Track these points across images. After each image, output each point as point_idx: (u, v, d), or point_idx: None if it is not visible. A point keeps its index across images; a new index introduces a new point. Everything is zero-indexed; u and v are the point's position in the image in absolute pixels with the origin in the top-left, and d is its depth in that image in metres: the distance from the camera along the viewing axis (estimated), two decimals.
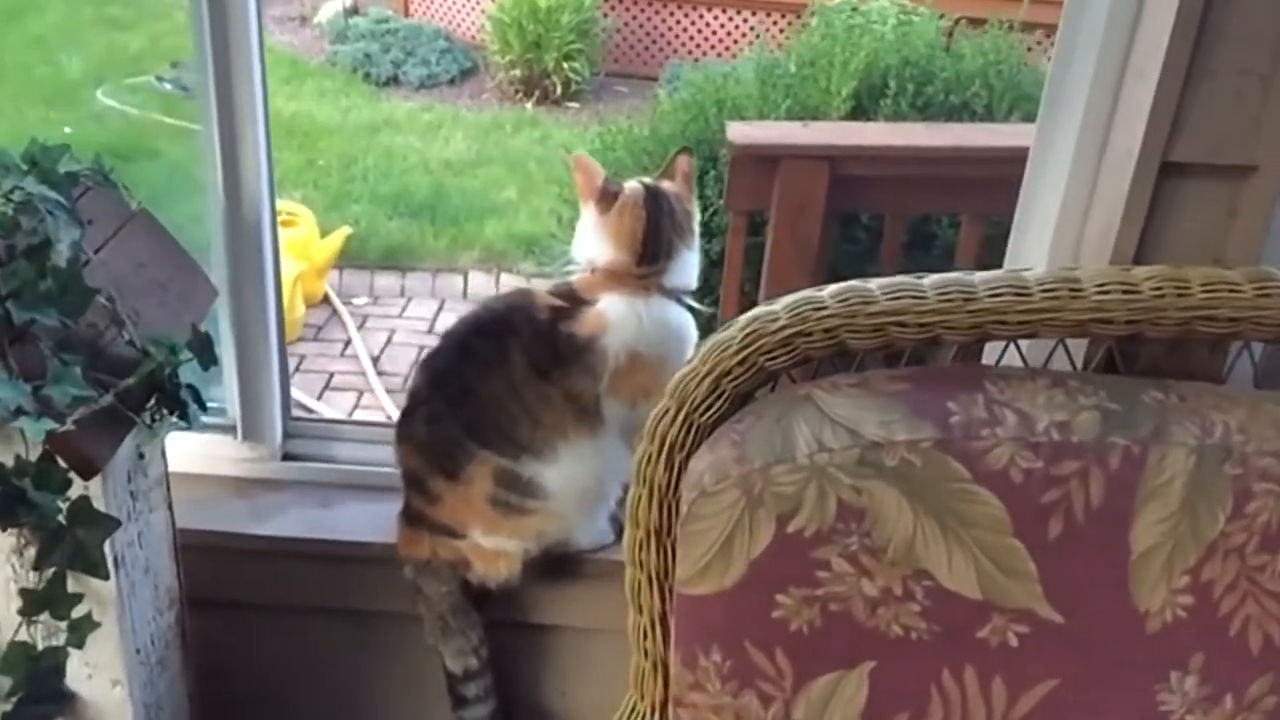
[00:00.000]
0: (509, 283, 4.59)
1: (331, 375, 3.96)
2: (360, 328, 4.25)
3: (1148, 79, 1.10)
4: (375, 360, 4.05)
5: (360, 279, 4.56)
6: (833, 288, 1.12)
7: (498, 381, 1.25)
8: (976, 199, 2.56)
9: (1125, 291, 1.07)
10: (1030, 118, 2.95)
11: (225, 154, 1.32)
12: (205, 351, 1.05)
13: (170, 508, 1.22)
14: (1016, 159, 2.54)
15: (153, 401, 1.05)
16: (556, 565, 1.34)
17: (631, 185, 1.31)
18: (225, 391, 1.42)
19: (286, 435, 1.46)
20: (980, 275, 1.11)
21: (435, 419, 1.28)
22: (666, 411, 1.11)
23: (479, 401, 1.25)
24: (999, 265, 2.90)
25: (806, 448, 1.04)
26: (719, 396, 1.10)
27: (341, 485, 1.45)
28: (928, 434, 1.04)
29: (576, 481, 1.28)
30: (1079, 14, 1.16)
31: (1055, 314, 1.07)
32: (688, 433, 1.10)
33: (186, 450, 1.38)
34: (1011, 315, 1.08)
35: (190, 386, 1.05)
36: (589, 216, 1.30)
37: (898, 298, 1.09)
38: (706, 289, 2.93)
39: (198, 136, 1.34)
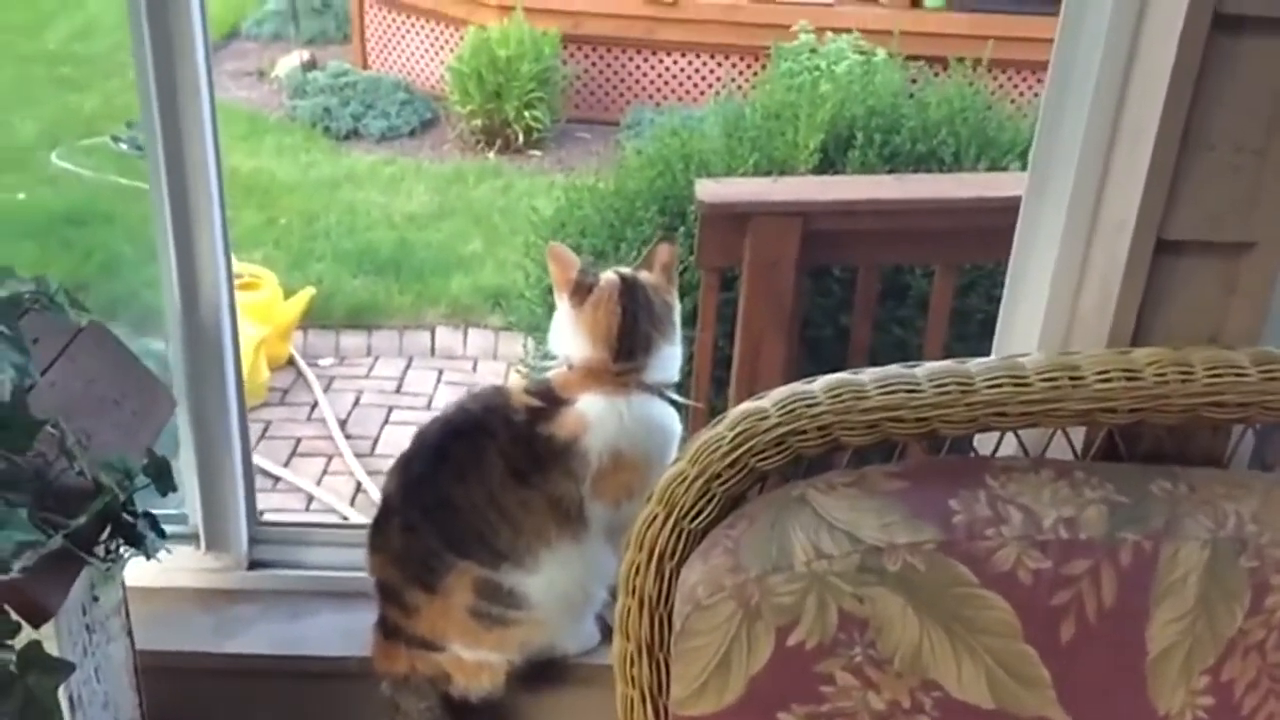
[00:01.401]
0: (477, 338, 4.53)
1: (299, 440, 3.87)
2: (327, 390, 4.17)
3: (1140, 150, 1.07)
4: (343, 423, 3.97)
5: (325, 339, 4.49)
6: (823, 381, 1.07)
7: (475, 488, 1.19)
8: (948, 249, 2.53)
9: (1128, 379, 1.03)
10: (997, 164, 2.94)
11: (179, 238, 1.24)
12: (163, 476, 0.99)
13: (130, 633, 1.15)
14: (985, 209, 2.54)
15: (107, 534, 0.98)
16: (541, 672, 1.28)
17: (607, 277, 1.26)
18: (186, 499, 1.35)
19: (253, 541, 1.39)
20: (976, 364, 1.07)
21: (410, 529, 1.21)
22: (654, 518, 1.06)
23: (456, 510, 1.19)
24: (974, 312, 2.90)
25: (804, 555, 0.99)
26: (709, 500, 1.05)
27: (312, 593, 1.38)
28: (930, 536, 0.99)
29: (561, 589, 1.22)
30: (1064, 81, 1.12)
31: (1056, 404, 1.03)
32: (677, 540, 1.05)
33: (146, 564, 1.31)
34: (1012, 407, 1.03)
35: (147, 515, 0.99)
36: (563, 310, 1.25)
37: (892, 392, 1.04)
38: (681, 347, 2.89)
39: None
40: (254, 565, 1.39)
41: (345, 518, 3.44)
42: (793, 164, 2.82)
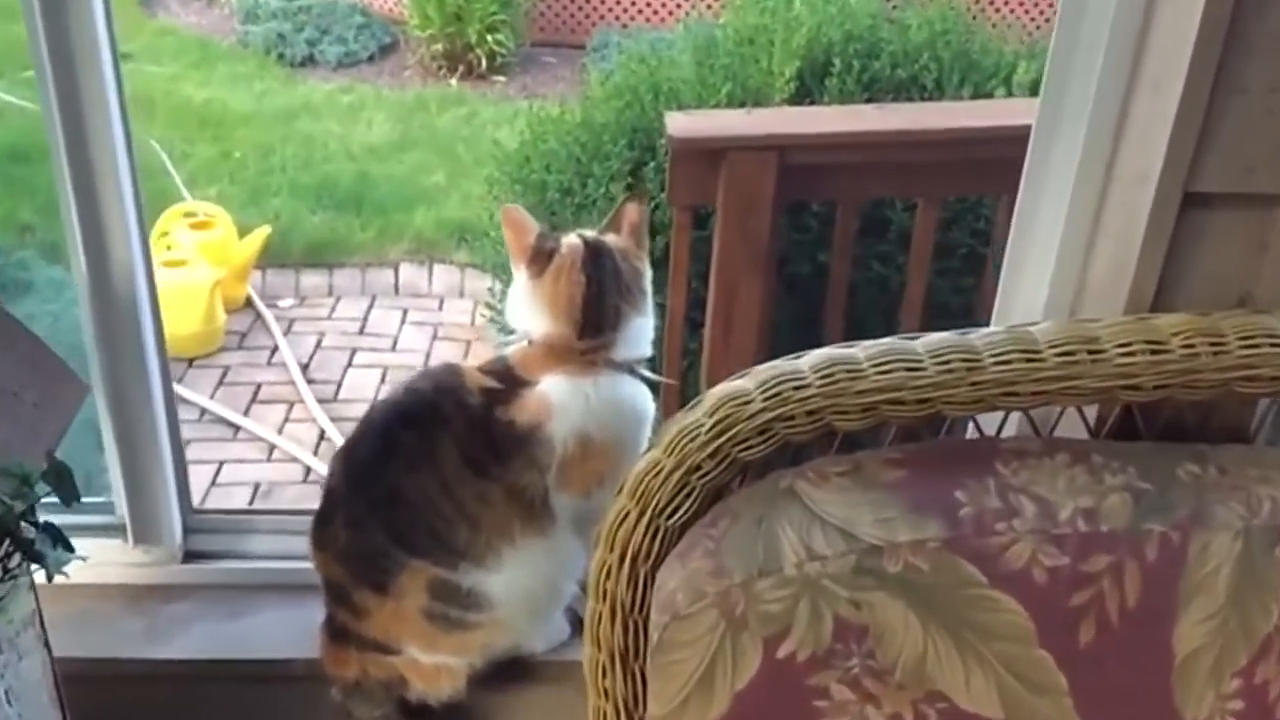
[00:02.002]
0: (442, 275, 4.39)
1: (259, 386, 3.74)
2: (287, 333, 4.02)
3: (1165, 94, 0.95)
4: (305, 367, 3.84)
5: (284, 279, 4.33)
6: (812, 359, 0.96)
7: (427, 480, 1.07)
8: (932, 182, 2.41)
9: (1153, 351, 0.92)
10: (980, 91, 2.81)
11: (81, 203, 1.10)
12: (64, 484, 0.87)
13: (47, 645, 1.04)
14: (971, 139, 2.42)
15: (3, 551, 0.87)
16: (507, 670, 1.18)
17: (570, 242, 1.13)
18: (112, 487, 1.23)
19: (187, 531, 1.27)
20: (982, 337, 0.96)
21: (356, 524, 1.10)
22: (626, 514, 0.95)
23: (406, 504, 1.08)
24: (957, 247, 2.80)
25: (794, 556, 0.89)
26: (687, 494, 0.94)
27: (254, 587, 1.26)
28: (934, 532, 0.89)
29: (525, 588, 1.11)
30: (1078, 11, 1.00)
31: (1073, 382, 0.92)
32: (652, 538, 0.94)
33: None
34: (1023, 385, 0.92)
35: (49, 529, 0.87)
36: (521, 281, 1.12)
37: (889, 370, 0.93)
38: (654, 287, 2.77)
39: None
40: (189, 557, 1.27)
41: (309, 468, 3.33)
42: (768, 93, 2.68)
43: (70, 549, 0.90)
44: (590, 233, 1.15)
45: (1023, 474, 0.92)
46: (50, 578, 0.89)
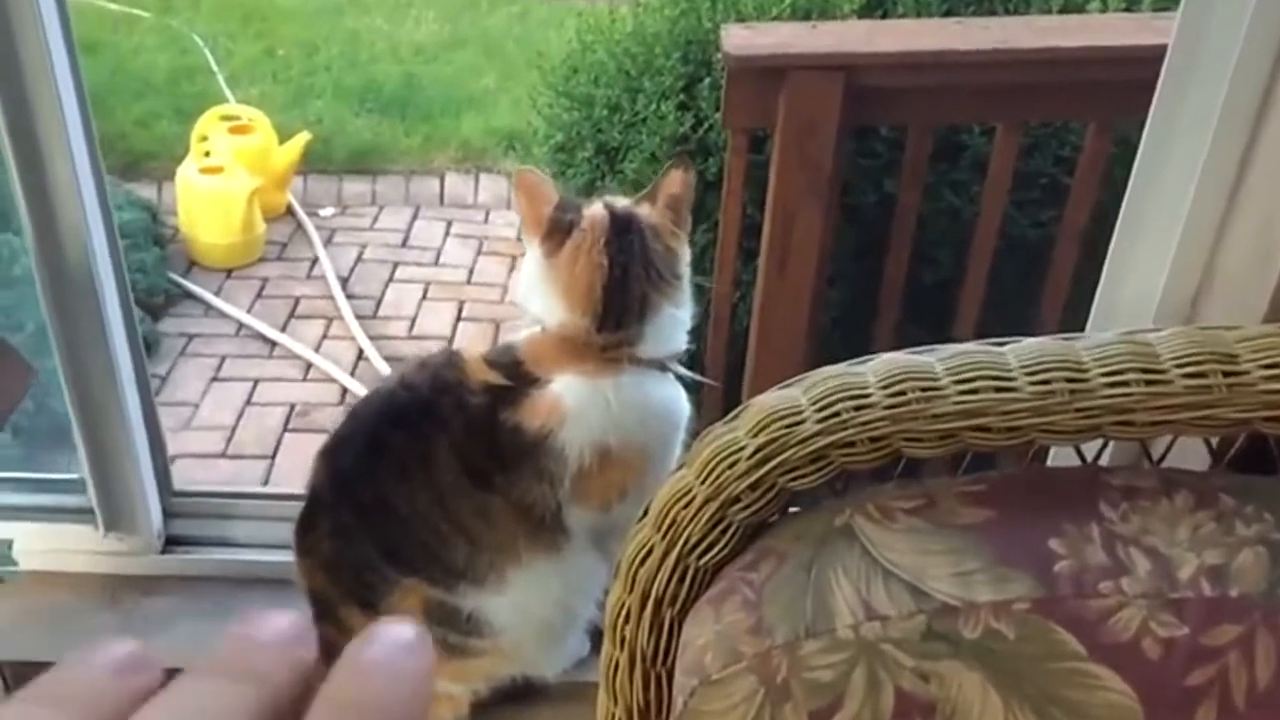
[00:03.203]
0: (489, 185, 4.21)
1: (297, 301, 3.62)
2: (328, 243, 3.88)
3: None
4: (345, 281, 3.70)
5: (326, 186, 4.18)
6: (879, 368, 0.79)
7: (420, 491, 0.92)
8: (1016, 107, 2.20)
9: None
10: (1072, 4, 2.56)
11: (21, 156, 0.95)
12: None
13: None
14: (1062, 60, 2.19)
15: None
16: (517, 694, 1.04)
17: (593, 214, 0.96)
18: (80, 466, 1.10)
19: (167, 515, 1.14)
20: (1088, 346, 0.78)
21: (341, 534, 0.96)
22: (649, 549, 0.80)
23: (396, 516, 0.93)
24: (1037, 176, 2.58)
25: (850, 615, 0.73)
26: (723, 530, 0.78)
27: (240, 580, 1.13)
28: (1023, 591, 0.73)
29: (535, 613, 0.97)
30: None
31: (1205, 412, 0.75)
32: (680, 580, 0.79)
33: (35, 545, 1.07)
34: (1141, 414, 0.75)
35: None
36: (534, 258, 0.96)
37: (975, 389, 0.76)
38: (703, 214, 2.59)
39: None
40: (169, 545, 1.15)
41: (345, 389, 3.21)
42: (835, 4, 2.45)
43: (9, 559, 0.77)
44: (621, 201, 0.98)
45: (1134, 519, 0.75)
46: None
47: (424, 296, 3.64)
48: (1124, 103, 2.29)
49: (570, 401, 0.93)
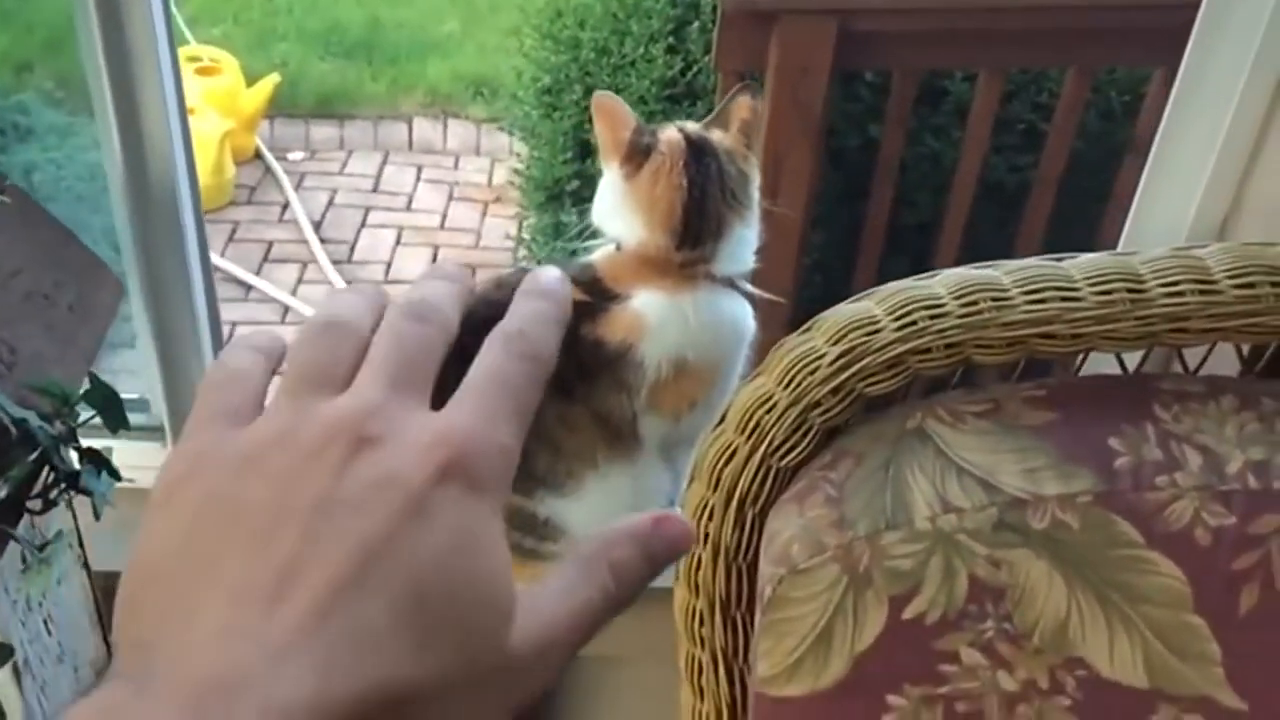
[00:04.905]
0: (458, 130, 4.21)
1: (270, 245, 3.61)
2: (298, 187, 3.87)
3: None
4: (317, 225, 3.70)
5: (294, 130, 4.15)
6: (947, 281, 0.84)
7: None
8: (1001, 53, 2.25)
9: None
10: None
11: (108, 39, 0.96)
12: (111, 410, 0.76)
13: (86, 565, 0.95)
14: (1054, 7, 2.25)
15: (43, 480, 0.77)
16: None
17: (669, 138, 1.00)
18: (148, 385, 1.12)
19: None
20: (1144, 261, 0.84)
21: None
22: (733, 451, 0.85)
23: None
24: (1015, 121, 2.65)
25: (927, 508, 0.79)
26: (804, 433, 0.84)
27: None
28: (1086, 485, 0.79)
29: (607, 517, 1.01)
30: None
31: (1253, 319, 0.81)
32: (763, 480, 0.85)
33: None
34: (1195, 321, 0.81)
35: (92, 455, 0.77)
36: (612, 179, 1.00)
37: (1042, 298, 0.82)
38: None
39: None
40: None
41: None
42: None
43: (116, 475, 0.80)
44: (692, 126, 1.02)
45: (1186, 420, 0.81)
46: (98, 515, 0.80)
47: (398, 241, 3.65)
48: (1104, 50, 2.37)
49: (651, 317, 0.97)
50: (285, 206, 3.77)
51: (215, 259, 3.46)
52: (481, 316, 1.02)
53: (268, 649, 0.32)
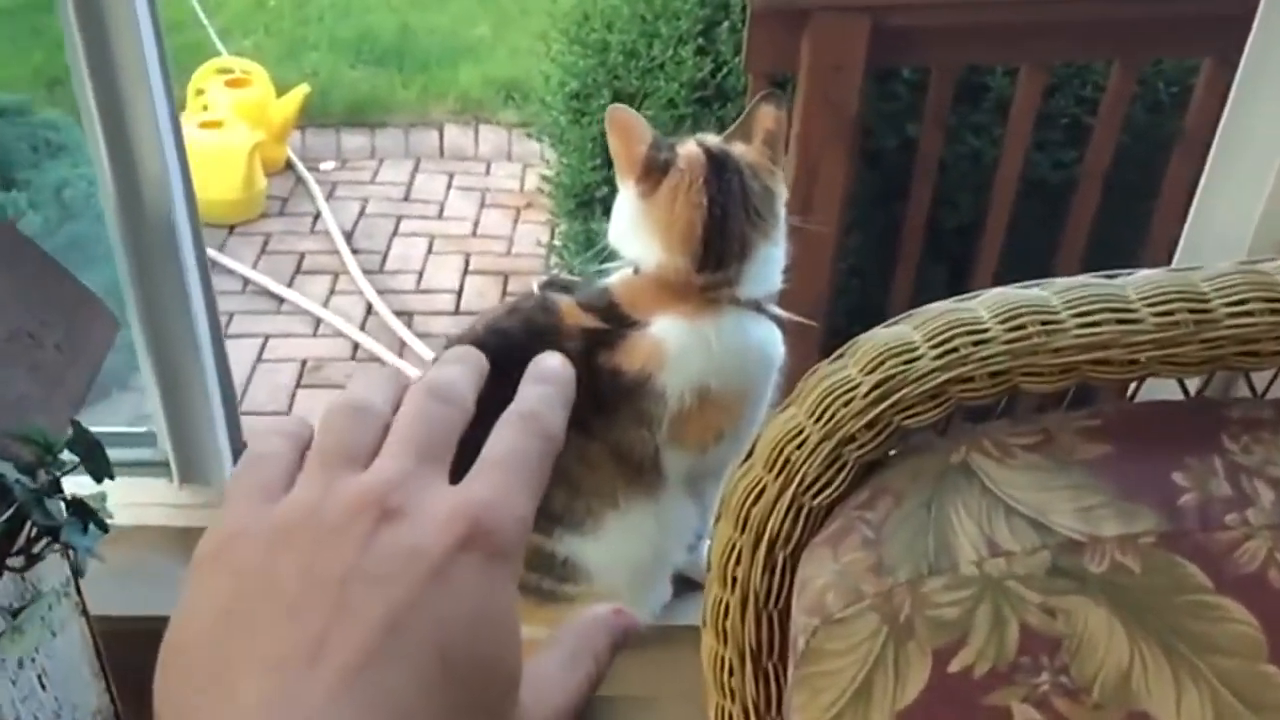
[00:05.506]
0: (489, 136, 4.17)
1: (302, 256, 3.58)
2: (329, 198, 3.85)
3: None
4: (349, 235, 3.67)
5: (325, 139, 4.13)
6: (991, 302, 0.78)
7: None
8: (1042, 47, 2.18)
9: None
10: None
11: (98, 77, 0.92)
12: (94, 458, 0.72)
13: (84, 613, 0.90)
14: None
15: (25, 535, 0.72)
16: None
17: (689, 153, 0.94)
18: (153, 419, 1.08)
19: None
20: (1207, 278, 0.77)
21: None
22: (761, 489, 0.79)
23: None
24: (1058, 116, 2.57)
25: (973, 551, 0.73)
26: (838, 469, 0.78)
27: None
28: (1149, 525, 0.72)
29: (629, 557, 0.96)
30: None
31: None
32: (794, 520, 0.79)
33: (114, 499, 1.05)
34: (1267, 344, 0.74)
35: (76, 506, 0.72)
36: (628, 198, 0.94)
37: (1095, 322, 0.75)
38: None
39: None
40: None
41: (356, 344, 3.19)
42: None
43: (103, 527, 0.76)
44: (713, 139, 0.96)
45: (1256, 451, 0.75)
46: (81, 571, 0.75)
47: (429, 250, 3.62)
48: (1151, 40, 2.28)
49: (671, 344, 0.91)
50: (317, 217, 3.75)
51: (247, 272, 3.45)
52: (492, 348, 0.96)
53: (304, 717, 0.34)
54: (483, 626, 0.38)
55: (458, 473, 0.42)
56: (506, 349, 0.93)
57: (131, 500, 1.07)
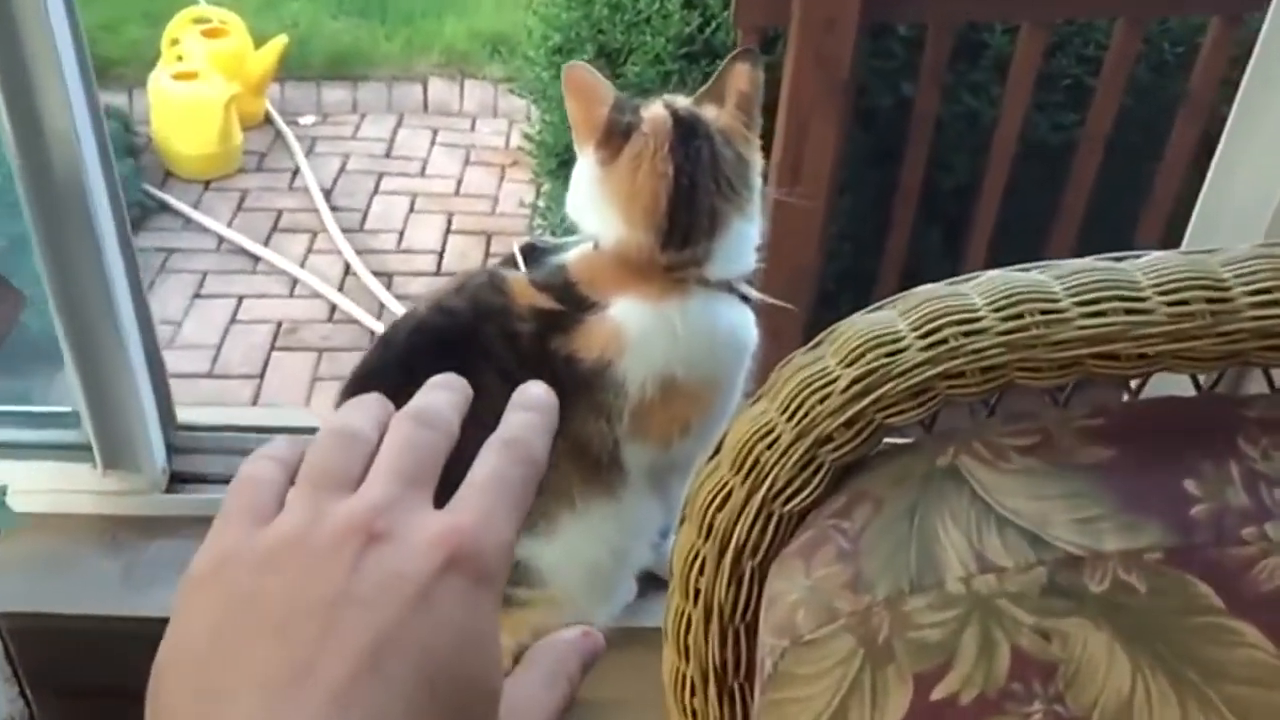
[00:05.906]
0: (474, 91, 4.06)
1: (280, 214, 3.49)
2: (309, 153, 3.74)
3: None
4: (328, 193, 3.57)
5: (305, 92, 4.02)
6: (985, 287, 0.70)
7: (464, 429, 0.83)
8: (1047, 3, 2.10)
9: None
10: None
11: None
12: None
13: None
14: None
15: None
16: None
17: (654, 116, 0.85)
18: (74, 401, 1.00)
19: (172, 451, 1.05)
20: (1225, 263, 0.69)
21: None
22: (728, 492, 0.71)
23: None
24: (1059, 76, 2.48)
25: (961, 567, 0.66)
26: (813, 471, 0.70)
27: None
28: (1155, 539, 0.65)
29: (586, 559, 0.88)
30: None
31: None
32: (763, 527, 0.71)
33: (28, 485, 0.97)
34: None
35: None
36: (587, 165, 0.85)
37: (1101, 312, 0.67)
38: None
39: None
40: (175, 484, 1.05)
41: (333, 305, 3.11)
42: None
43: (6, 508, 0.68)
44: (682, 101, 0.87)
45: (1276, 456, 0.67)
46: None
47: (411, 209, 3.52)
48: None
49: (632, 329, 0.83)
50: (295, 173, 3.66)
51: (222, 229, 3.36)
52: (438, 328, 0.88)
53: None
54: (467, 648, 0.39)
55: (443, 495, 0.44)
56: (453, 330, 0.85)
57: (51, 486, 0.99)
